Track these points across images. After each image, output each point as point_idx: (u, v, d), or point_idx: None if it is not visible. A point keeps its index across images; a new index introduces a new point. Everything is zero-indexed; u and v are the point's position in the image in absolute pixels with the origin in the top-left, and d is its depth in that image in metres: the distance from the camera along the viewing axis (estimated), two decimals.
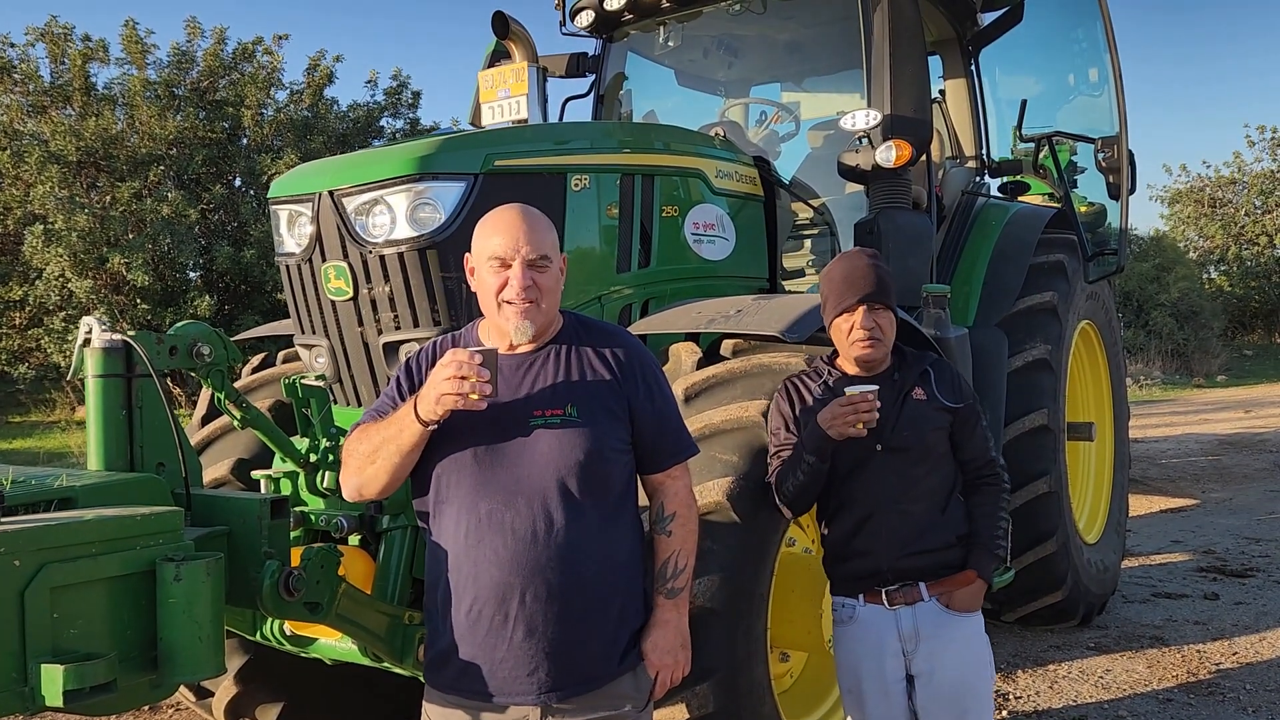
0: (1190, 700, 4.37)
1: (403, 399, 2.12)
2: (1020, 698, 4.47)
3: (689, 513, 2.25)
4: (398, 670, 2.79)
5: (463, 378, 1.93)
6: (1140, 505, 8.59)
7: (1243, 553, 7.00)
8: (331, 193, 3.04)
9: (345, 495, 2.19)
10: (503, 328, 2.13)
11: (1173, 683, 4.58)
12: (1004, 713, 4.31)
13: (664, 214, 3.89)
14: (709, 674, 2.61)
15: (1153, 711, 4.27)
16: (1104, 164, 5.27)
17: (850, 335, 2.61)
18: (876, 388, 2.50)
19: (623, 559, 2.14)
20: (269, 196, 3.28)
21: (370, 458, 2.08)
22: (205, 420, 3.74)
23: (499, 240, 2.08)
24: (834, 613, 2.73)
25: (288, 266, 3.25)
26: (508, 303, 2.09)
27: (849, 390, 2.49)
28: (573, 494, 2.06)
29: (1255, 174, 32.79)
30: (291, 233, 3.20)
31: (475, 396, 1.94)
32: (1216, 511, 8.55)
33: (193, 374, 2.62)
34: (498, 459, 2.08)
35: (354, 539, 2.93)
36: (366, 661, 2.85)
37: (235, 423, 2.75)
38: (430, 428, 2.03)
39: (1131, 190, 5.30)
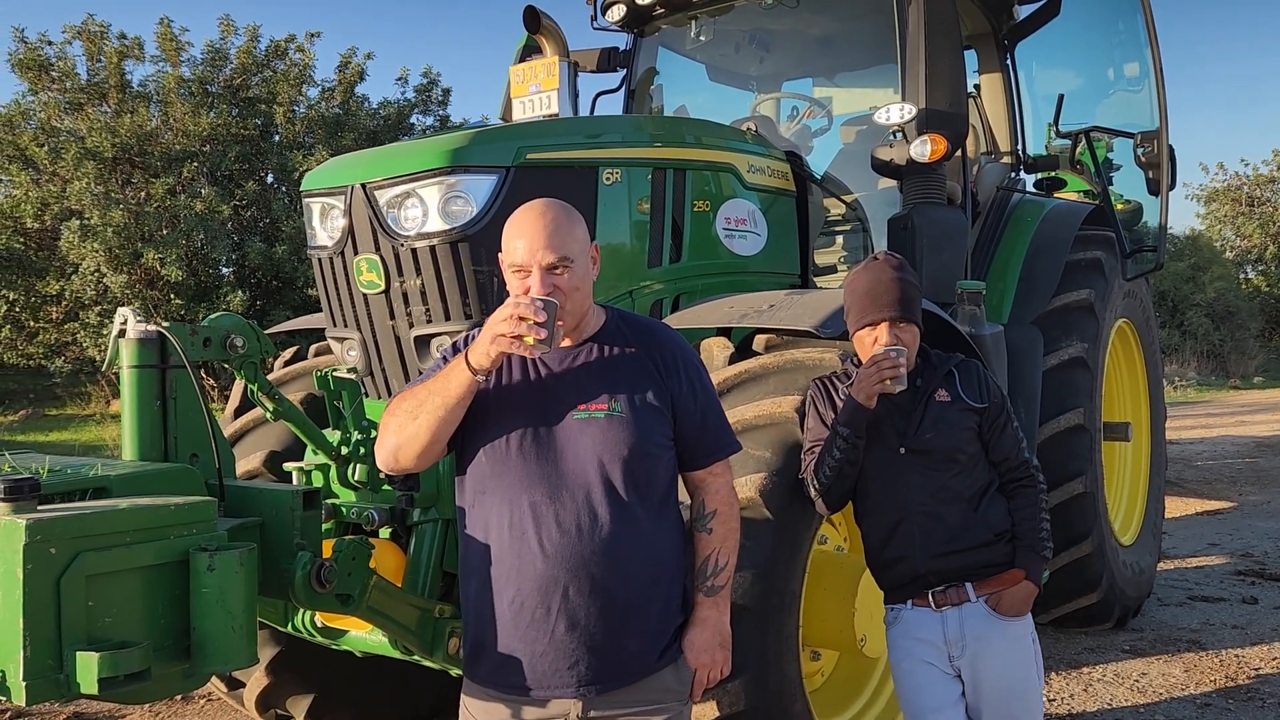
0: (1229, 705, 4.29)
1: None
2: (1054, 700, 4.40)
3: (730, 510, 2.22)
4: (427, 663, 2.79)
5: (521, 318, 1.91)
6: (1176, 507, 8.46)
7: None
8: (364, 185, 3.05)
9: (379, 462, 2.13)
10: None
11: (1210, 687, 4.50)
12: None
13: (695, 209, 3.87)
14: (740, 671, 2.57)
15: (1190, 716, 4.19)
16: (1144, 159, 5.18)
17: (873, 350, 2.59)
18: (904, 349, 2.50)
19: (665, 555, 2.12)
20: (301, 189, 3.29)
21: (413, 414, 2.04)
22: (238, 412, 3.76)
23: (518, 246, 2.06)
24: (885, 620, 2.71)
25: (320, 259, 3.26)
26: None
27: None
28: (616, 488, 2.04)
29: None
30: (324, 225, 3.20)
31: (530, 341, 1.91)
32: (1254, 514, 8.41)
33: (226, 366, 2.63)
34: (542, 451, 2.06)
35: (385, 532, 2.93)
36: (396, 654, 2.85)
37: (268, 415, 2.76)
38: (479, 378, 2.00)
39: (1172, 186, 5.20)
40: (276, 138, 16.45)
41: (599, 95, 5.50)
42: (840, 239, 5.02)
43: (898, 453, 2.59)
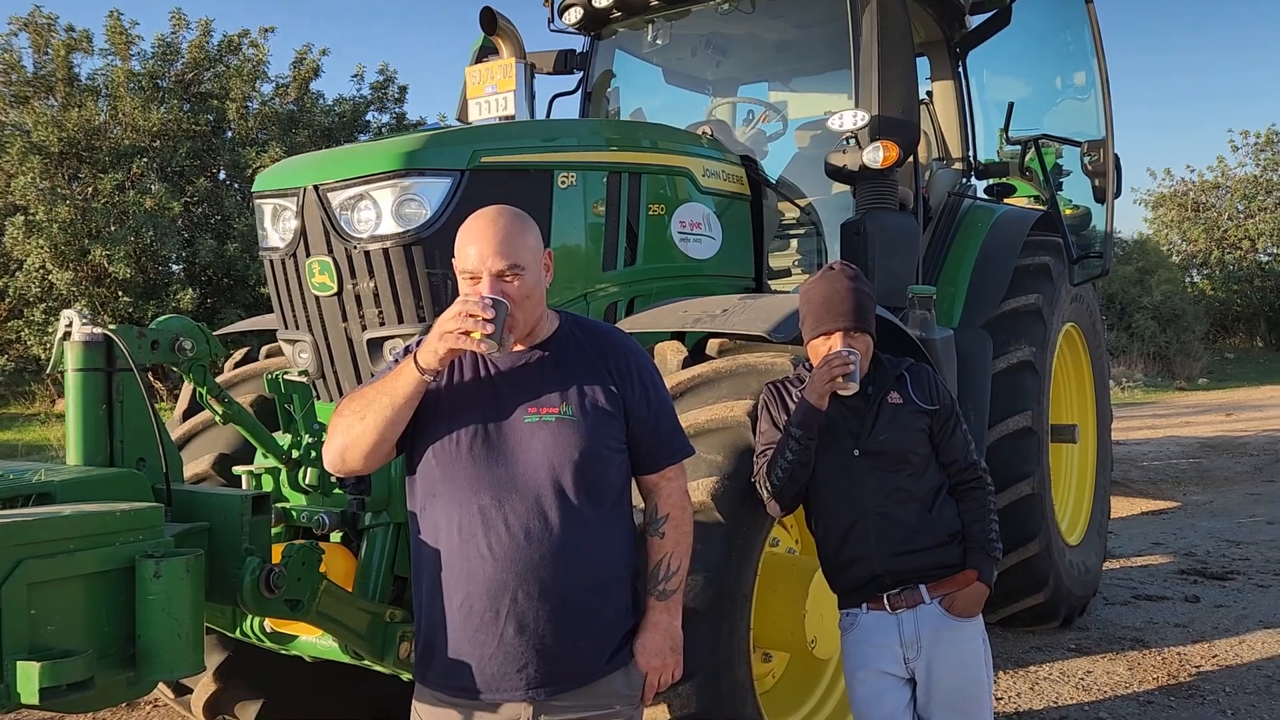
0: (1170, 702, 4.40)
1: None
2: (1002, 698, 4.48)
3: (683, 515, 2.24)
4: (378, 668, 2.78)
5: (470, 314, 1.91)
6: (1121, 507, 8.63)
7: (1223, 555, 7.06)
8: (316, 187, 3.02)
9: (327, 463, 2.14)
10: None
11: (1153, 685, 4.61)
12: None
13: (651, 212, 3.88)
14: (691, 675, 2.59)
15: (1133, 713, 4.29)
16: (1090, 167, 5.29)
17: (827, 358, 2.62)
18: (857, 353, 2.55)
19: (616, 558, 2.13)
20: (253, 190, 3.26)
21: (360, 414, 2.04)
22: (187, 415, 3.71)
23: (470, 252, 2.06)
24: (840, 625, 2.74)
25: (271, 261, 3.23)
26: None
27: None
28: (567, 492, 2.05)
29: (1238, 179, 33.03)
30: (276, 227, 3.17)
31: (478, 336, 1.91)
32: (1197, 514, 8.61)
33: (174, 368, 2.60)
34: (492, 455, 2.06)
35: (336, 536, 2.91)
36: (347, 659, 2.83)
37: (217, 418, 2.73)
38: (427, 378, 2.01)
39: (1117, 194, 5.33)
40: (229, 134, 16.22)
41: (556, 97, 5.52)
42: (795, 243, 5.06)
43: (852, 455, 2.63)
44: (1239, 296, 31.39)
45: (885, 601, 2.60)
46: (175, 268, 15.27)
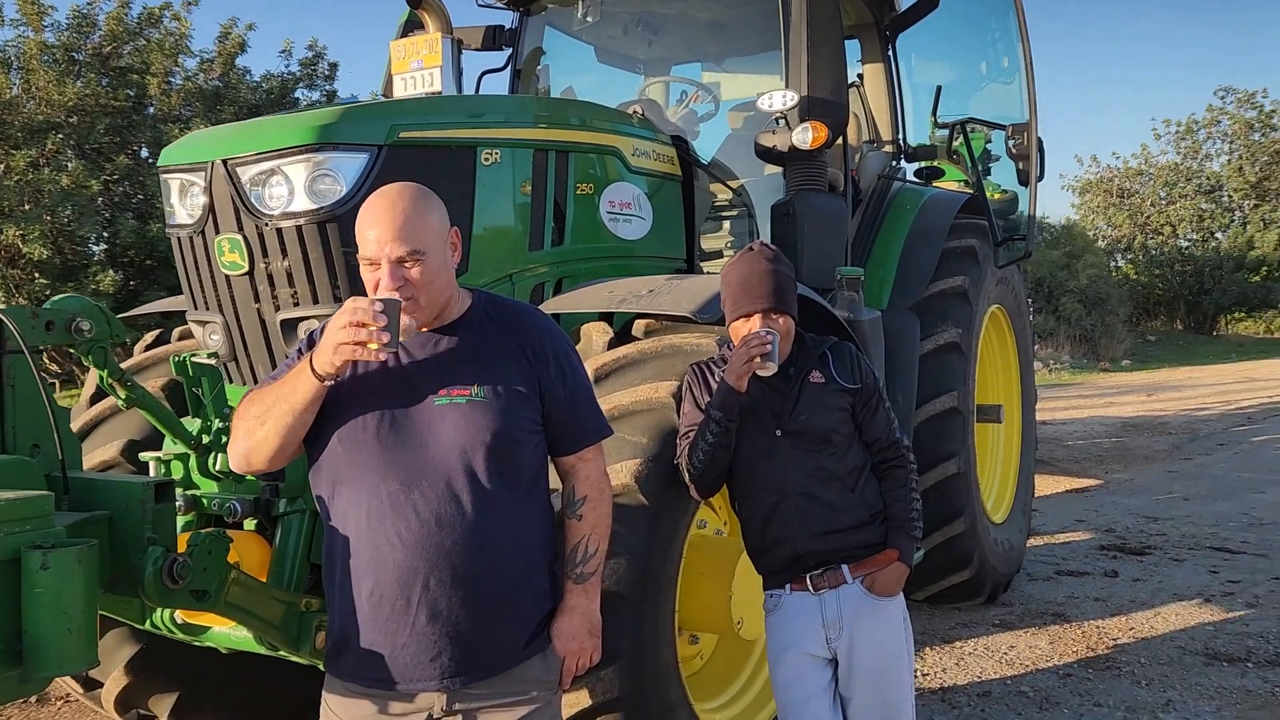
0: (1089, 675, 4.50)
1: None
2: (928, 674, 4.55)
3: (601, 496, 2.20)
4: (295, 658, 2.70)
5: (360, 324, 1.85)
6: (1046, 486, 8.84)
7: (1141, 531, 7.26)
8: (225, 162, 2.90)
9: (232, 465, 2.08)
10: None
11: (1073, 658, 4.71)
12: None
13: (579, 191, 3.83)
14: (615, 658, 2.57)
15: (1053, 686, 4.38)
16: (1014, 151, 5.36)
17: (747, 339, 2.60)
18: (776, 334, 2.52)
19: (532, 542, 2.09)
20: (159, 165, 3.13)
21: (261, 419, 1.98)
22: (94, 399, 3.56)
23: (369, 237, 1.99)
24: (764, 606, 2.73)
25: (179, 239, 3.10)
26: None
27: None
28: (479, 475, 2.00)
29: (1161, 166, 33.95)
30: (183, 203, 3.05)
31: (374, 346, 1.85)
32: (1118, 492, 8.85)
33: (71, 350, 2.48)
34: (401, 439, 2.00)
35: (249, 523, 2.82)
36: (263, 650, 2.74)
37: (119, 402, 2.62)
38: (327, 383, 1.94)
39: (1040, 177, 5.40)
40: (150, 110, 15.66)
41: (484, 74, 5.40)
42: (727, 224, 5.04)
43: (774, 435, 2.61)
44: (1160, 281, 32.35)
45: (808, 582, 2.60)
46: (95, 249, 14.75)
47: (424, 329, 2.07)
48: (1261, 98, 33.24)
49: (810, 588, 2.60)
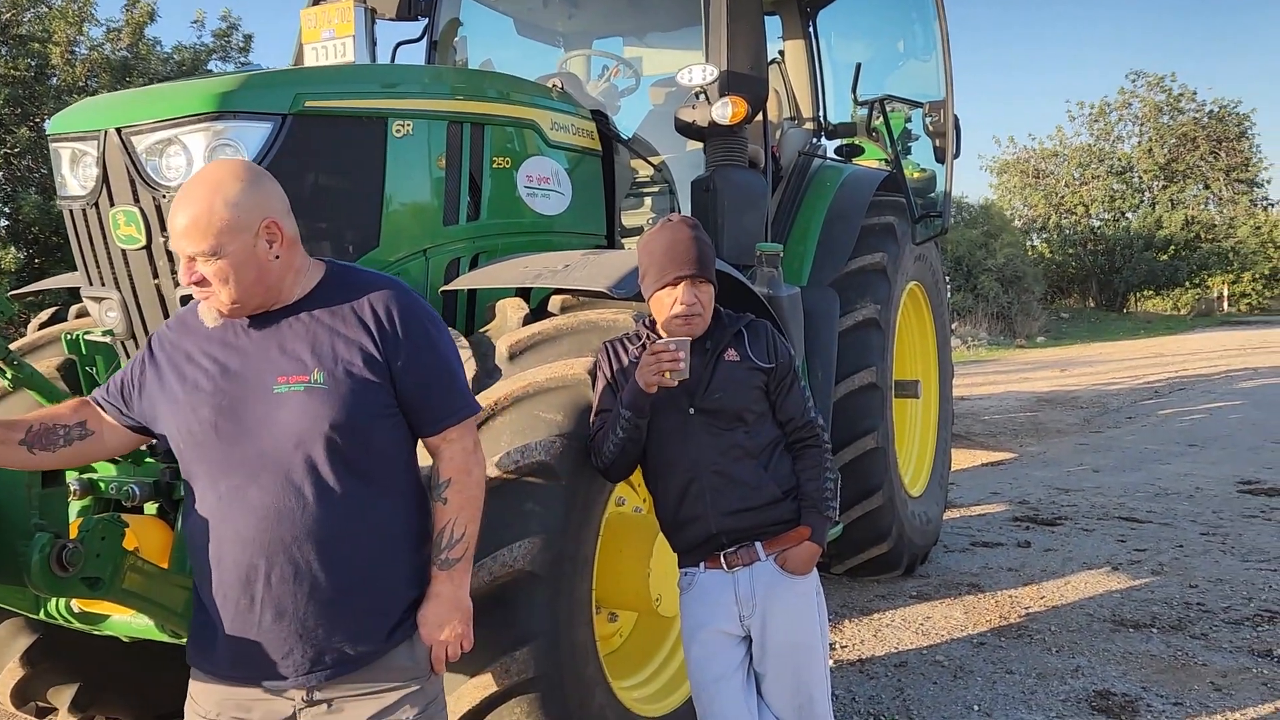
0: (1001, 643, 4.62)
1: None
2: (846, 647, 4.62)
3: (466, 478, 2.07)
4: None
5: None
6: (963, 459, 9.04)
7: (1053, 502, 7.47)
8: (120, 130, 2.77)
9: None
10: None
11: (986, 627, 4.83)
12: (831, 663, 4.43)
13: (495, 165, 3.75)
14: (530, 638, 2.55)
15: (967, 655, 4.48)
16: (931, 128, 5.42)
17: (671, 310, 2.57)
18: (687, 340, 2.48)
19: (391, 530, 2.00)
20: (49, 133, 2.98)
21: None
22: None
23: (171, 229, 1.91)
24: (678, 585, 2.72)
25: (72, 211, 2.96)
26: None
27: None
28: (321, 467, 1.91)
29: (1074, 147, 34.90)
30: (74, 174, 2.90)
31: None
32: (1031, 464, 9.10)
33: None
34: (239, 431, 1.92)
35: (150, 507, 2.71)
36: (165, 638, 2.65)
37: (5, 382, 2.49)
38: None
39: (956, 155, 5.48)
40: (54, 80, 15.01)
41: (399, 45, 5.26)
42: (649, 200, 5.01)
43: (688, 413, 2.59)
44: (1074, 259, 33.33)
45: (722, 560, 2.59)
46: None
47: (260, 311, 1.98)
48: (1170, 81, 34.38)
49: (724, 565, 2.60)
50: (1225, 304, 35.41)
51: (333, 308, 2.00)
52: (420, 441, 2.09)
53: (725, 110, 4.06)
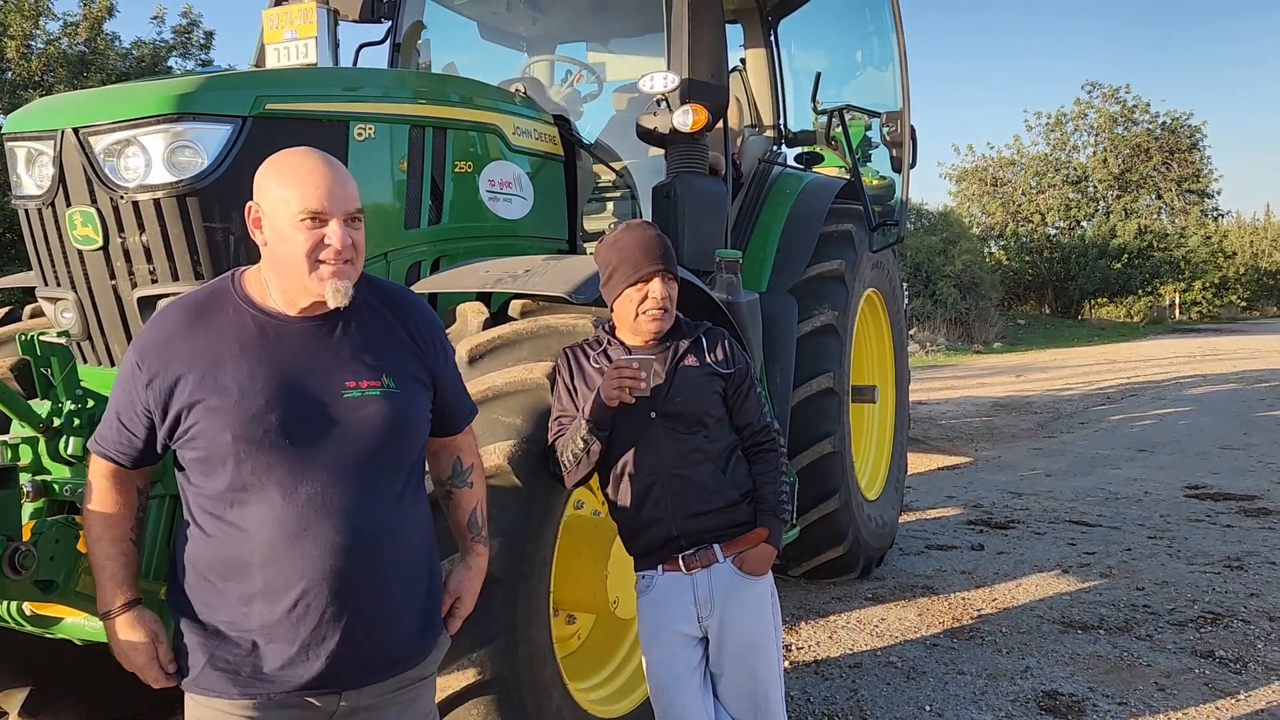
0: (954, 644, 4.70)
1: None
2: (802, 648, 4.68)
3: (480, 464, 2.29)
4: None
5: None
6: (919, 463, 9.16)
7: (1006, 506, 7.60)
8: (77, 130, 2.76)
9: None
10: (305, 287, 1.87)
11: (939, 629, 4.91)
12: (786, 664, 4.50)
13: (457, 169, 3.77)
14: (488, 640, 2.57)
15: (920, 656, 4.56)
16: (888, 138, 5.51)
17: (643, 305, 2.60)
18: (651, 358, 2.51)
19: (430, 527, 2.07)
20: (3, 132, 2.95)
21: None
22: None
23: (310, 192, 1.83)
24: (636, 587, 2.75)
25: (27, 210, 2.93)
26: (323, 263, 1.86)
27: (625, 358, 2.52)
28: (396, 468, 1.94)
29: (1032, 156, 35.45)
30: (30, 173, 2.88)
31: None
32: (986, 468, 9.24)
33: None
34: (315, 436, 1.86)
35: None
36: None
37: None
38: None
39: (913, 164, 5.57)
40: (9, 75, 14.76)
41: (362, 47, 5.25)
42: (610, 205, 5.04)
43: (648, 417, 2.62)
44: (1030, 267, 33.85)
45: (680, 562, 2.63)
46: None
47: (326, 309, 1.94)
48: (1125, 93, 35.04)
49: (683, 568, 2.63)
50: (1177, 312, 36.19)
51: (376, 314, 2.00)
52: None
53: (686, 118, 4.11)
